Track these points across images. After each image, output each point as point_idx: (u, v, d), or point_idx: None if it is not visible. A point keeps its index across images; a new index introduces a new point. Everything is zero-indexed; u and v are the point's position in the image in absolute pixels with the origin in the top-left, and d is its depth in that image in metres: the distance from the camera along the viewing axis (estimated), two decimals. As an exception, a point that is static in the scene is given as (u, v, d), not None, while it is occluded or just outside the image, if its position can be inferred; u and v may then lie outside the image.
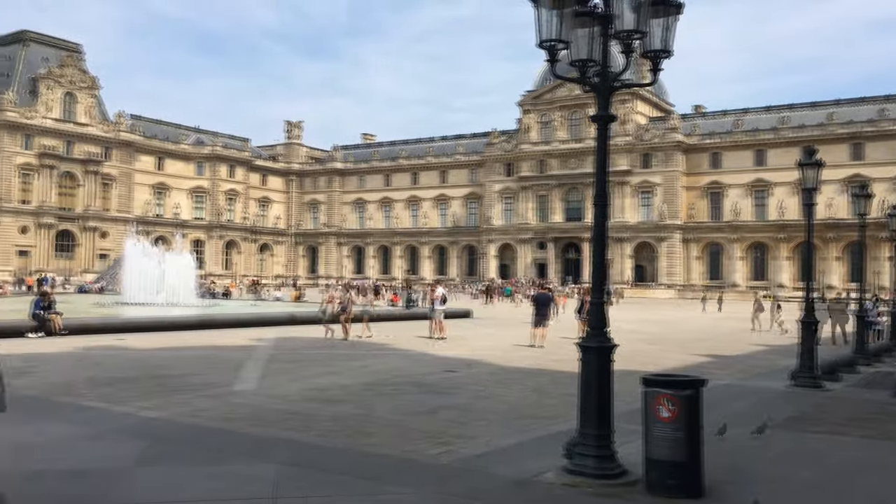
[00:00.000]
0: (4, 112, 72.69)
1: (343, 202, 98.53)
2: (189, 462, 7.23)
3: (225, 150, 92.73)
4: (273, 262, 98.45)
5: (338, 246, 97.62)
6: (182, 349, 17.75)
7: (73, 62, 79.61)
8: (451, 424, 9.29)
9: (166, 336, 20.65)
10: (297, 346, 19.42)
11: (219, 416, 9.52)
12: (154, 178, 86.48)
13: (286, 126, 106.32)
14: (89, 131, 79.46)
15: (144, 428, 8.75)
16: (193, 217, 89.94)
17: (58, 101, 77.70)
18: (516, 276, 79.14)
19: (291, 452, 7.62)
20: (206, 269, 78.94)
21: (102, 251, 78.36)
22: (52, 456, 7.37)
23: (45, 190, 75.48)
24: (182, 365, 14.81)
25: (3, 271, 66.77)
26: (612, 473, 6.48)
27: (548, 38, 6.69)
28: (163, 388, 11.86)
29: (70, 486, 6.36)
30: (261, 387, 12.17)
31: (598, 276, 7.07)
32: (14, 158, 73.53)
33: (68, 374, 12.96)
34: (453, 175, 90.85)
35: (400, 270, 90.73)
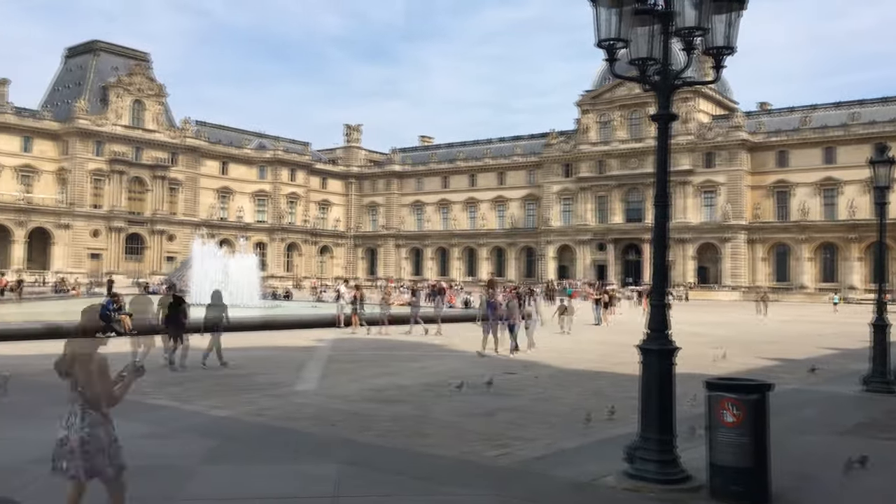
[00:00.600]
0: (77, 120, 75.55)
1: (401, 204, 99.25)
2: (256, 460, 7.40)
3: (286, 154, 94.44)
4: (333, 264, 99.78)
5: (396, 248, 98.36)
6: (246, 349, 18.15)
7: (142, 70, 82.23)
8: (509, 426, 9.26)
9: (231, 336, 21.12)
10: (355, 346, 19.64)
11: (282, 415, 9.70)
12: (218, 183, 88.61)
13: (345, 129, 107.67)
14: (157, 137, 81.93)
15: (212, 426, 8.98)
16: (256, 220, 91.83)
17: (127, 109, 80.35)
18: (575, 278, 78.41)
19: (351, 452, 7.73)
20: (268, 270, 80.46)
21: (170, 254, 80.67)
22: (126, 453, 7.63)
23: (115, 195, 78.12)
24: (247, 365, 15.15)
25: (76, 273, 69.35)
26: (674, 479, 6.37)
27: (606, 37, 6.63)
28: (229, 387, 12.16)
29: (144, 483, 6.58)
30: (321, 387, 12.36)
31: (659, 278, 6.96)
32: (86, 165, 76.33)
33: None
34: (511, 176, 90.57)
35: (458, 272, 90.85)
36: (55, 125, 76.28)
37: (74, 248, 75.12)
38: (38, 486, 6.38)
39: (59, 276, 63.72)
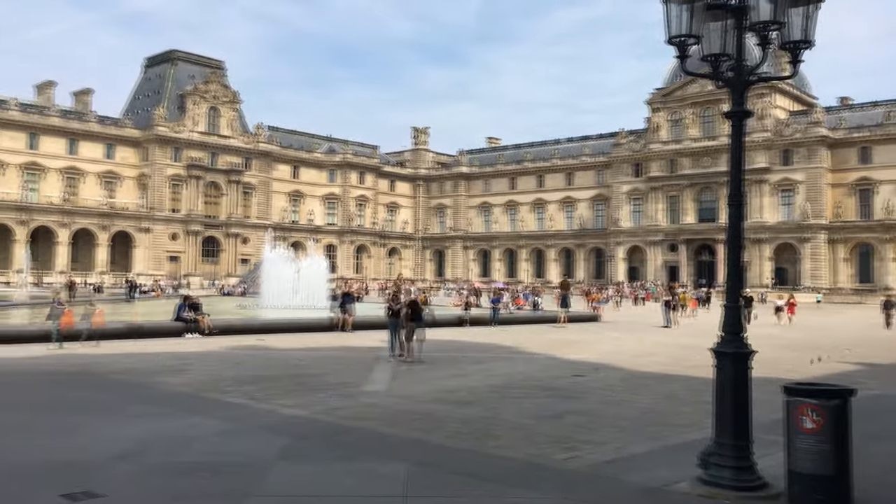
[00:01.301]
0: (156, 127, 78.37)
1: (469, 206, 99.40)
2: (327, 459, 7.53)
3: (355, 157, 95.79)
4: (401, 266, 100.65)
5: (464, 249, 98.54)
6: (317, 350, 18.49)
7: (217, 78, 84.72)
8: (579, 429, 9.17)
9: (302, 337, 21.57)
10: (423, 348, 19.74)
11: (353, 415, 9.85)
12: (290, 186, 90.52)
13: (413, 132, 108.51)
14: (231, 143, 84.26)
15: (285, 425, 9.19)
16: (326, 223, 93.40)
17: (203, 116, 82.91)
18: (645, 279, 77.03)
19: (420, 452, 7.78)
20: (338, 272, 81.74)
21: (244, 256, 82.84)
22: (204, 449, 7.88)
23: (192, 199, 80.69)
24: (318, 365, 15.42)
25: (156, 275, 71.90)
26: (751, 486, 6.20)
27: (677, 33, 6.51)
28: (301, 386, 12.40)
29: (221, 479, 6.78)
30: (390, 388, 12.48)
31: (734, 280, 6.79)
32: (165, 170, 79.09)
33: (215, 373, 13.79)
34: (579, 177, 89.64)
35: (526, 273, 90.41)
36: (136, 132, 79.34)
37: (154, 250, 77.90)
38: (124, 478, 6.64)
39: (135, 277, 66.14)
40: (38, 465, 6.99)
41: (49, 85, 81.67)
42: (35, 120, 73.02)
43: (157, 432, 8.61)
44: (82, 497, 6.00)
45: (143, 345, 18.52)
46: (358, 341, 20.71)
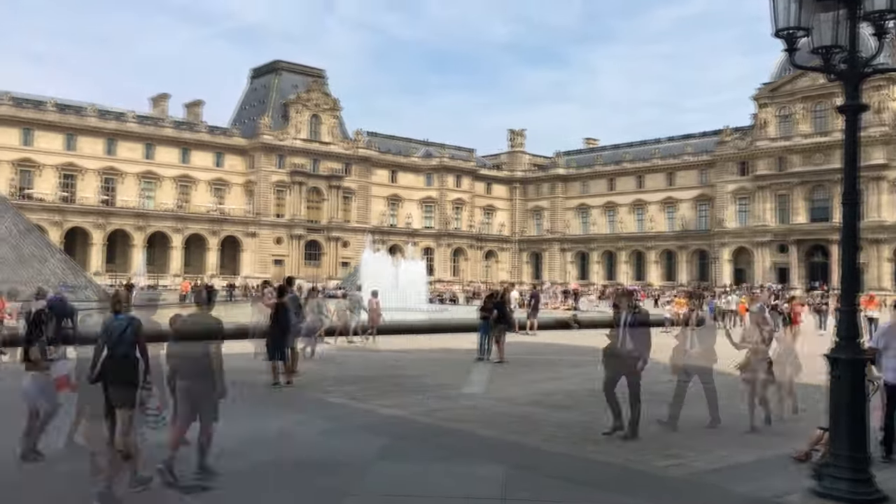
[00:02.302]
0: (261, 136, 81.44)
1: (566, 208, 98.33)
2: (426, 459, 7.62)
3: (451, 161, 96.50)
4: (498, 269, 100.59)
5: (561, 252, 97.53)
6: (415, 351, 18.73)
7: (318, 87, 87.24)
8: (683, 436, 8.92)
9: (401, 338, 21.90)
10: (519, 350, 19.66)
11: (451, 416, 9.92)
12: (388, 191, 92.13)
13: (509, 135, 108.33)
14: (332, 149, 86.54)
15: (384, 425, 9.35)
16: (423, 226, 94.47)
17: (305, 123, 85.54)
18: (753, 282, 74.00)
19: (518, 455, 7.76)
20: (435, 275, 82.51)
21: (344, 259, 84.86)
22: (307, 447, 8.13)
23: (295, 204, 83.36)
24: (416, 366, 15.62)
25: (261, 278, 74.61)
26: (869, 499, 5.87)
27: (785, 25, 6.26)
28: (399, 387, 12.60)
29: (323, 476, 6.98)
30: (488, 390, 12.50)
31: (849, 282, 6.45)
32: (270, 177, 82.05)
33: (317, 372, 14.18)
34: (681, 177, 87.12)
35: (626, 276, 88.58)
36: (243, 141, 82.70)
37: (260, 254, 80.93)
38: (233, 474, 6.93)
39: (244, 280, 68.87)
40: (155, 459, 7.37)
41: (163, 98, 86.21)
42: (151, 131, 77.30)
43: (262, 430, 8.94)
44: (195, 490, 6.30)
45: (248, 345, 19.24)
46: (455, 343, 20.84)
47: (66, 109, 73.02)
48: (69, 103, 74.63)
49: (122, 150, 74.85)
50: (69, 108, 73.45)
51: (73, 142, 72.18)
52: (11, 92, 70.91)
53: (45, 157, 70.31)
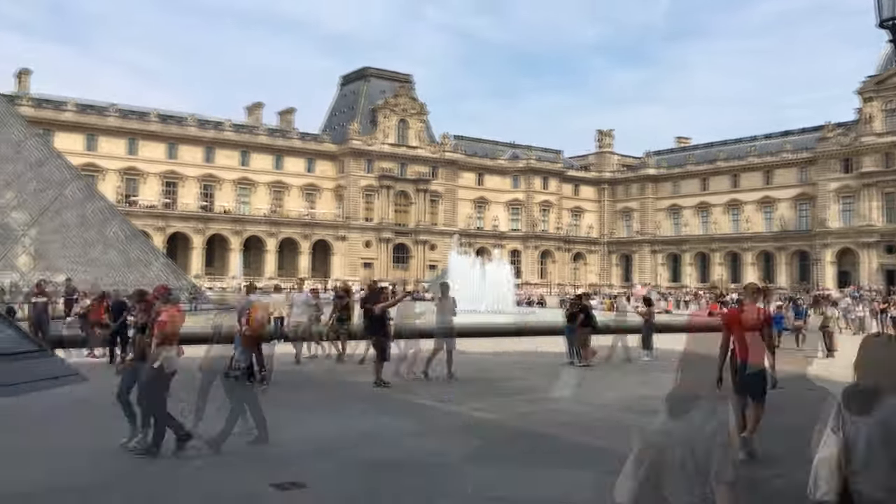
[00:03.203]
0: (351, 141, 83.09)
1: (656, 209, 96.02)
2: (515, 463, 7.54)
3: (538, 162, 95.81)
4: (586, 271, 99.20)
5: (652, 254, 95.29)
6: (503, 354, 18.64)
7: (405, 91, 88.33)
8: (786, 446, 8.49)
9: (488, 341, 21.83)
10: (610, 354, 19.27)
11: (541, 420, 9.80)
12: (475, 193, 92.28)
13: (597, 135, 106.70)
14: (419, 153, 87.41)
15: (473, 428, 9.31)
16: (510, 228, 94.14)
17: (393, 128, 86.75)
18: (858, 284, 70.28)
19: (609, 461, 7.55)
20: (522, 278, 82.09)
21: (431, 262, 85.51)
22: (396, 448, 8.18)
23: (383, 208, 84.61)
24: (504, 369, 15.54)
25: (351, 281, 76.10)
26: None
27: (890, 15, 5.89)
28: (488, 390, 12.54)
29: (413, 477, 6.99)
30: (578, 394, 12.29)
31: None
32: (359, 181, 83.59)
33: (412, 375, 14.26)
34: (779, 175, 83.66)
35: (720, 278, 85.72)
36: (333, 147, 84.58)
37: (350, 258, 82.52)
38: (324, 472, 7.03)
39: (334, 283, 70.22)
40: (247, 455, 7.58)
41: (258, 106, 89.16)
42: (246, 139, 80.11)
43: (352, 429, 9.05)
44: (289, 487, 6.42)
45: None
46: (544, 346, 20.61)
47: (167, 120, 76.55)
48: (171, 114, 78.18)
49: (219, 158, 77.85)
50: (171, 119, 76.97)
51: (175, 150, 75.59)
52: (117, 104, 74.86)
53: (149, 165, 73.88)
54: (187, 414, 8.13)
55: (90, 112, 72.28)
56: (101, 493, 6.35)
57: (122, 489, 6.47)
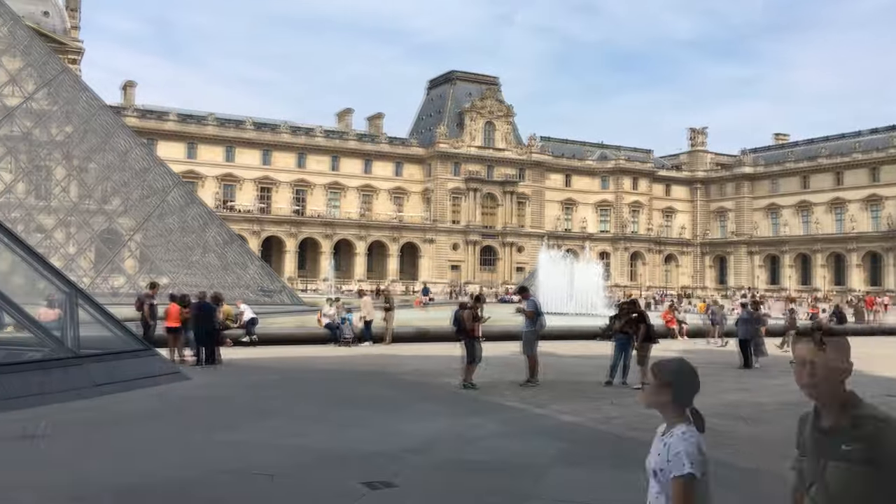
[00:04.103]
0: (438, 144, 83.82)
1: (753, 208, 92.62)
2: (605, 467, 7.45)
3: (628, 163, 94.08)
4: (678, 273, 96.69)
5: (748, 255, 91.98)
6: (592, 357, 18.39)
7: (492, 94, 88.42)
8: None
9: (576, 344, 21.61)
10: (699, 358, 18.73)
11: (629, 424, 9.64)
12: (562, 195, 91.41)
13: (689, 134, 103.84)
14: (506, 155, 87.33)
15: (562, 430, 9.25)
16: (599, 230, 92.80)
17: (479, 131, 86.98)
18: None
19: (703, 468, 7.37)
20: (612, 280, 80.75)
21: (519, 264, 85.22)
22: (484, 449, 8.21)
23: (470, 210, 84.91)
24: (593, 372, 15.33)
25: (439, 283, 76.73)
26: None
27: None
28: (576, 392, 12.42)
29: (501, 479, 7.01)
30: (670, 399, 11.99)
31: None
32: (446, 184, 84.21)
33: (493, 376, 14.30)
34: (887, 172, 79.24)
35: (823, 280, 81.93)
36: (420, 151, 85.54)
37: (437, 260, 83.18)
38: (414, 471, 7.14)
39: (422, 285, 70.90)
40: (339, 454, 7.76)
41: (347, 112, 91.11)
42: (336, 144, 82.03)
43: (441, 430, 9.14)
44: (379, 486, 6.54)
45: (428, 348, 19.81)
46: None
47: (262, 127, 79.26)
48: (265, 121, 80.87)
49: (310, 163, 80.00)
50: (265, 127, 79.64)
51: (269, 157, 78.19)
52: (216, 113, 77.97)
53: (245, 171, 76.64)
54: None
55: (190, 121, 75.58)
56: (204, 486, 6.64)
57: (220, 484, 6.74)
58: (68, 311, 11.50)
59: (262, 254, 64.94)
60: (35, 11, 61.46)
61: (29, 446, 7.87)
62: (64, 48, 60.09)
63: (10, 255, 11.26)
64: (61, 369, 10.54)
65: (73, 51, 63.59)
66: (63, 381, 10.29)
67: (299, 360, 16.77)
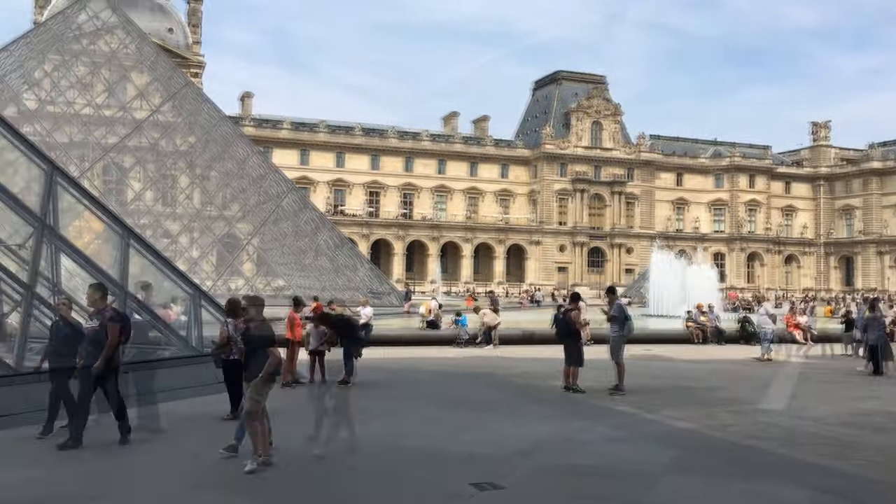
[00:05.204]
0: (544, 145, 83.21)
1: (883, 206, 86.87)
2: (721, 475, 7.21)
3: (744, 160, 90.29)
4: (800, 275, 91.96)
5: (878, 255, 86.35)
6: (707, 361, 17.81)
7: (599, 93, 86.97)
8: None
9: (687, 348, 20.96)
10: (828, 363, 17.75)
11: (746, 432, 9.27)
12: (673, 194, 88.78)
13: (811, 128, 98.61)
14: (614, 155, 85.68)
15: (674, 437, 9.00)
16: (713, 230, 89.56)
17: (586, 131, 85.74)
18: None
19: (825, 479, 7.01)
20: (727, 282, 77.73)
21: (628, 266, 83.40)
22: (594, 454, 8.10)
23: (577, 211, 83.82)
24: (707, 378, 14.86)
25: (546, 285, 76.06)
26: None
27: None
28: (690, 399, 12.05)
29: (612, 484, 6.90)
30: (790, 407, 11.47)
31: None
32: (552, 186, 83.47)
33: (602, 381, 14.07)
34: None
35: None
36: (526, 152, 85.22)
37: (544, 262, 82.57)
38: (521, 474, 7.13)
39: (529, 287, 70.60)
40: (449, 455, 7.85)
41: (453, 116, 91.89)
42: (442, 148, 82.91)
43: (549, 433, 9.08)
44: (488, 487, 6.58)
45: (535, 350, 19.71)
46: (752, 353, 19.44)
47: (370, 133, 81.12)
48: (373, 127, 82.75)
49: (417, 167, 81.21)
50: (373, 132, 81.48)
51: (377, 161, 79.98)
52: (326, 120, 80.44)
53: (354, 176, 78.69)
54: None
55: (302, 129, 78.29)
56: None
57: (314, 482, 6.95)
58: (192, 312, 12.15)
59: (371, 256, 66.36)
60: (160, 28, 65.40)
61: (164, 439, 8.38)
62: (187, 62, 63.60)
63: (140, 260, 11.98)
64: (188, 367, 11.15)
65: (195, 65, 67.22)
66: (190, 377, 10.89)
67: (409, 361, 17.06)
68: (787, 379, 14.90)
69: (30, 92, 32.79)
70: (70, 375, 8.02)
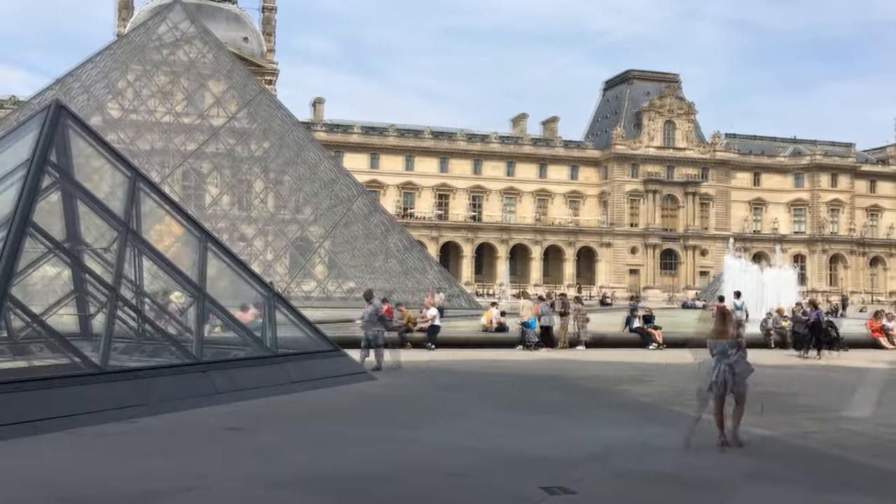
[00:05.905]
0: (615, 146, 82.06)
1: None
2: (803, 486, 6.94)
3: (825, 158, 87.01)
4: (887, 277, 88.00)
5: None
6: (789, 367, 17.23)
7: (671, 92, 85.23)
8: None
9: (770, 352, 20.30)
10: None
11: (830, 441, 8.92)
12: (750, 195, 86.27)
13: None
14: (687, 155, 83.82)
15: (751, 444, 8.72)
16: (793, 231, 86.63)
17: (658, 130, 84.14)
18: None
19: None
20: (808, 284, 75.03)
21: (702, 268, 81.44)
22: (667, 461, 7.92)
23: (649, 213, 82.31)
24: (786, 383, 14.37)
25: (617, 288, 74.95)
26: None
27: None
28: (768, 405, 11.65)
29: (687, 492, 6.73)
30: (878, 415, 10.98)
31: None
32: (623, 187, 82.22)
33: (675, 385, 13.74)
34: None
35: None
36: (596, 153, 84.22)
37: (615, 264, 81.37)
38: (593, 479, 7.02)
39: (602, 290, 69.73)
40: (519, 458, 7.80)
41: (522, 118, 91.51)
42: (511, 150, 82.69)
43: (621, 438, 8.93)
44: (558, 491, 6.50)
45: (605, 354, 19.44)
46: (843, 361, 18.72)
47: (439, 136, 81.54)
48: (442, 130, 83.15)
49: (486, 169, 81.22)
50: (442, 135, 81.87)
51: (446, 164, 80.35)
52: (396, 124, 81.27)
53: (423, 179, 79.24)
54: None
55: (372, 133, 79.34)
56: (389, 481, 6.91)
57: (404, 480, 6.99)
58: (267, 314, 12.44)
59: (440, 259, 66.65)
60: (236, 37, 67.33)
61: (238, 437, 8.60)
62: (261, 70, 65.30)
63: (217, 263, 12.35)
64: (262, 367, 11.43)
65: (269, 72, 68.95)
66: (264, 377, 11.16)
67: (478, 363, 17.05)
68: (872, 385, 14.28)
69: (114, 101, 34.24)
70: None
